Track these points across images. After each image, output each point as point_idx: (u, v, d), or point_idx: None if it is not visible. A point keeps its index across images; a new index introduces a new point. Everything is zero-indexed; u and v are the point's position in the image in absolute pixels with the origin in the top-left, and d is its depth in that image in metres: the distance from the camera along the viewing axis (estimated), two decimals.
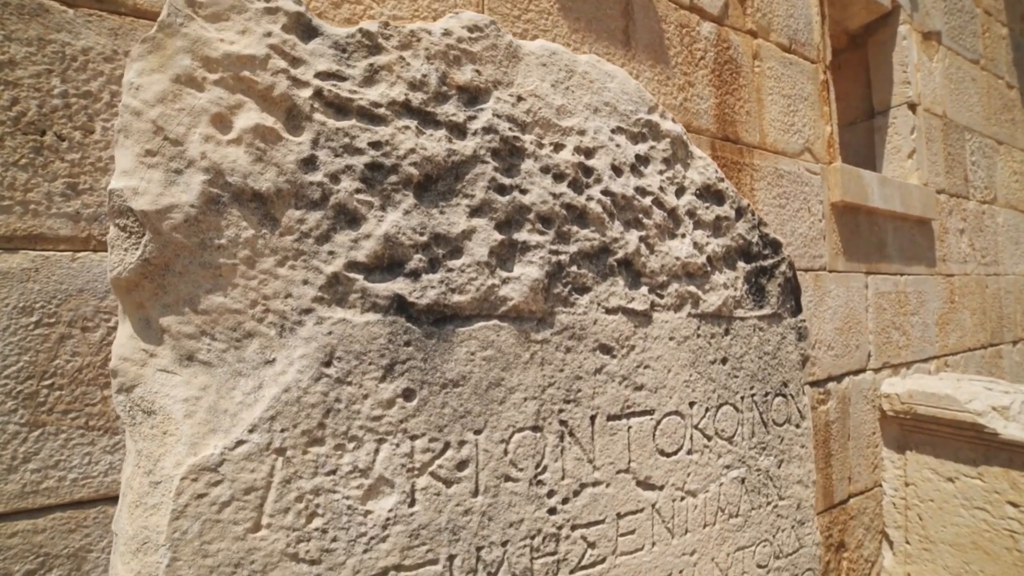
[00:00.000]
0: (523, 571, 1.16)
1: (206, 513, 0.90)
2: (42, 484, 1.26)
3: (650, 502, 1.33)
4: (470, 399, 1.11)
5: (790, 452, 1.61)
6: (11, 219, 1.23)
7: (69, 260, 1.29)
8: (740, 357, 1.50)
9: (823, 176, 3.17)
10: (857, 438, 3.36)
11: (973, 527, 2.91)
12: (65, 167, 1.29)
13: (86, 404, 1.31)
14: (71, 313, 1.29)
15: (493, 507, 1.13)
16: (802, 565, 1.65)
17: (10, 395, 1.22)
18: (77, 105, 1.31)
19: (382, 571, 1.02)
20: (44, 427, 1.26)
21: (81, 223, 1.31)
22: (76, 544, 1.29)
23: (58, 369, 1.28)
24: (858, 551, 3.39)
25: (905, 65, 3.65)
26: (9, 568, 1.22)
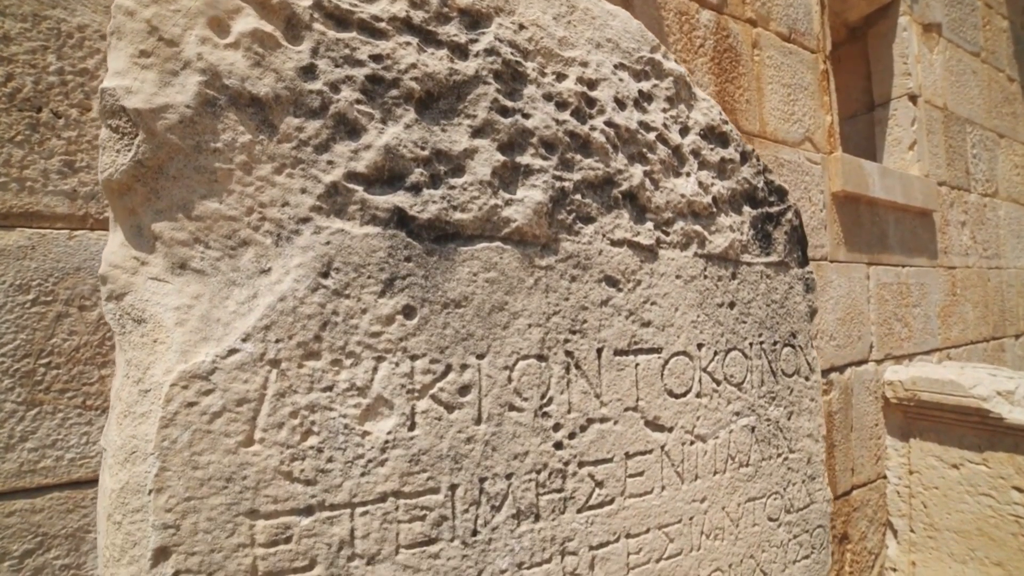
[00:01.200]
0: (528, 507, 1.12)
1: (196, 423, 0.87)
2: (39, 463, 1.24)
3: (659, 444, 1.30)
4: (472, 321, 1.08)
5: (800, 405, 1.58)
6: (7, 196, 1.22)
7: (66, 238, 1.28)
8: (748, 303, 1.47)
9: (824, 166, 3.17)
10: (860, 429, 3.33)
11: (978, 513, 2.87)
12: (61, 145, 1.28)
13: (83, 383, 1.30)
14: (68, 292, 1.28)
15: (497, 436, 1.10)
16: (813, 521, 1.61)
17: (7, 373, 1.21)
18: (73, 83, 1.30)
19: (380, 496, 0.99)
20: (41, 406, 1.25)
21: (78, 201, 1.30)
22: (74, 524, 1.28)
23: (55, 348, 1.26)
24: (861, 543, 3.35)
25: (905, 57, 3.65)
26: (7, 547, 1.20)
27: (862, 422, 3.34)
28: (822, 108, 3.25)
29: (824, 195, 3.17)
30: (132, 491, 0.86)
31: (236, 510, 0.88)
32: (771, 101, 2.96)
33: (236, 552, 0.88)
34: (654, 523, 1.29)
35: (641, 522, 1.27)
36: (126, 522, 0.86)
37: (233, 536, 0.88)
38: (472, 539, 1.06)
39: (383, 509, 0.98)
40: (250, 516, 0.89)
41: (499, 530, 1.09)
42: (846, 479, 3.25)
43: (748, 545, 1.46)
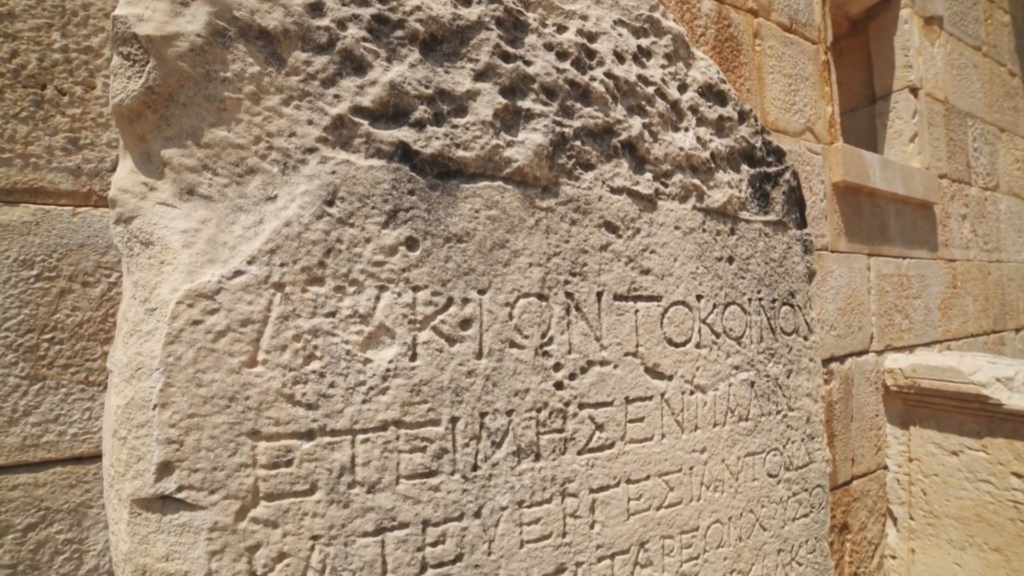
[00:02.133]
0: (528, 445, 1.14)
1: (201, 341, 0.88)
2: (42, 438, 1.25)
3: (659, 391, 1.31)
4: (474, 257, 1.10)
5: (799, 364, 1.59)
6: (11, 172, 1.23)
7: (70, 215, 1.29)
8: (746, 259, 1.49)
9: (824, 156, 3.18)
10: (860, 419, 3.32)
11: (977, 499, 2.87)
12: (66, 122, 1.29)
13: (86, 359, 1.30)
14: (72, 267, 1.29)
15: (498, 372, 1.11)
16: (812, 480, 1.62)
17: (10, 348, 1.22)
18: (78, 60, 1.30)
19: (381, 424, 1.00)
20: (44, 381, 1.26)
21: (82, 178, 1.30)
22: (76, 499, 1.29)
23: (58, 323, 1.27)
24: (861, 533, 3.34)
25: (907, 49, 3.67)
26: (11, 520, 1.21)
27: (862, 412, 3.34)
28: (823, 99, 3.27)
29: (825, 185, 3.18)
30: (137, 407, 0.87)
31: (238, 430, 0.89)
32: (772, 91, 2.98)
33: (238, 472, 0.89)
34: (654, 470, 1.30)
35: (641, 468, 1.28)
36: (131, 437, 0.87)
37: (235, 456, 0.89)
38: (472, 474, 1.07)
39: (384, 438, 0.99)
40: (252, 437, 0.90)
41: (499, 466, 1.10)
42: (846, 469, 3.24)
43: (748, 499, 1.47)
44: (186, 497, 0.86)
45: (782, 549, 1.54)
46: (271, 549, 0.91)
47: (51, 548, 1.26)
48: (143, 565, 0.87)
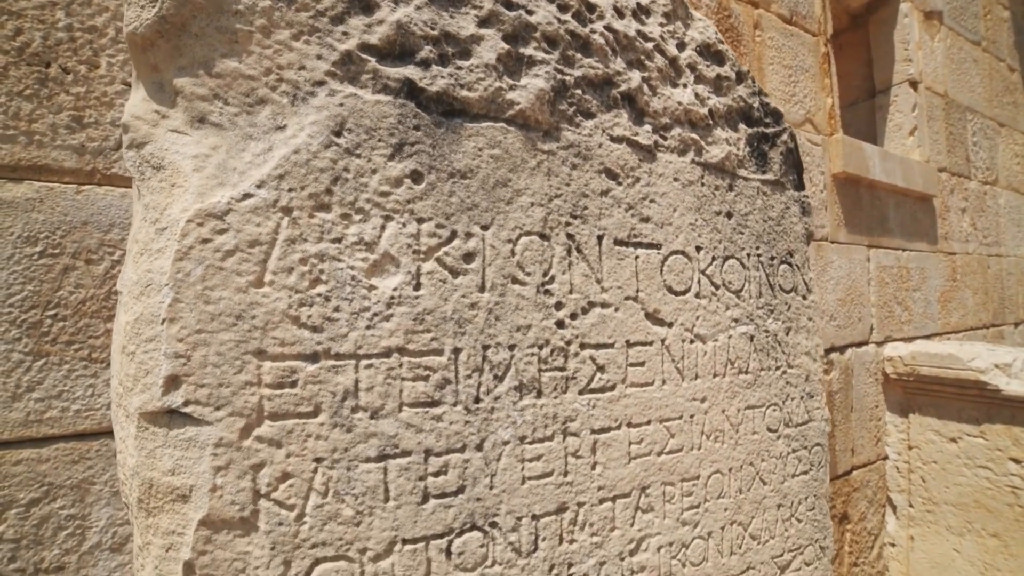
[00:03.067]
0: (531, 381, 1.15)
1: (210, 259, 0.90)
2: (46, 414, 1.26)
3: (659, 337, 1.32)
4: (477, 193, 1.12)
5: (798, 322, 1.60)
6: (15, 148, 1.25)
7: (74, 192, 1.30)
8: (745, 215, 1.50)
9: (824, 147, 3.21)
10: (860, 410, 3.33)
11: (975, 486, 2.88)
12: (70, 100, 1.30)
13: (89, 336, 1.32)
14: (75, 245, 1.30)
15: (500, 306, 1.12)
16: (812, 438, 1.63)
17: (14, 323, 1.23)
18: (82, 39, 1.32)
19: (385, 351, 1.01)
20: (47, 357, 1.27)
21: (86, 156, 1.32)
22: (79, 476, 1.30)
23: (62, 300, 1.29)
24: (861, 523, 3.34)
25: (906, 43, 3.71)
26: (14, 495, 1.23)
27: (862, 403, 3.34)
28: (823, 90, 3.30)
29: (824, 176, 3.20)
30: (146, 321, 0.88)
31: (244, 348, 0.91)
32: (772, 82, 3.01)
33: (243, 389, 0.90)
34: (655, 415, 1.31)
35: (642, 413, 1.29)
36: (139, 352, 0.89)
37: (241, 373, 0.90)
38: (475, 406, 1.09)
39: (387, 364, 1.01)
40: (257, 356, 0.92)
41: (502, 400, 1.11)
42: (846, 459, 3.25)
43: (748, 452, 1.48)
44: (192, 412, 0.87)
45: (782, 504, 1.55)
46: (275, 468, 0.92)
47: (54, 523, 1.27)
48: (150, 479, 0.89)
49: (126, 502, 1.01)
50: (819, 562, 1.64)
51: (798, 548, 1.59)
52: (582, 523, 1.20)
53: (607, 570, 1.24)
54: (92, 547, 1.31)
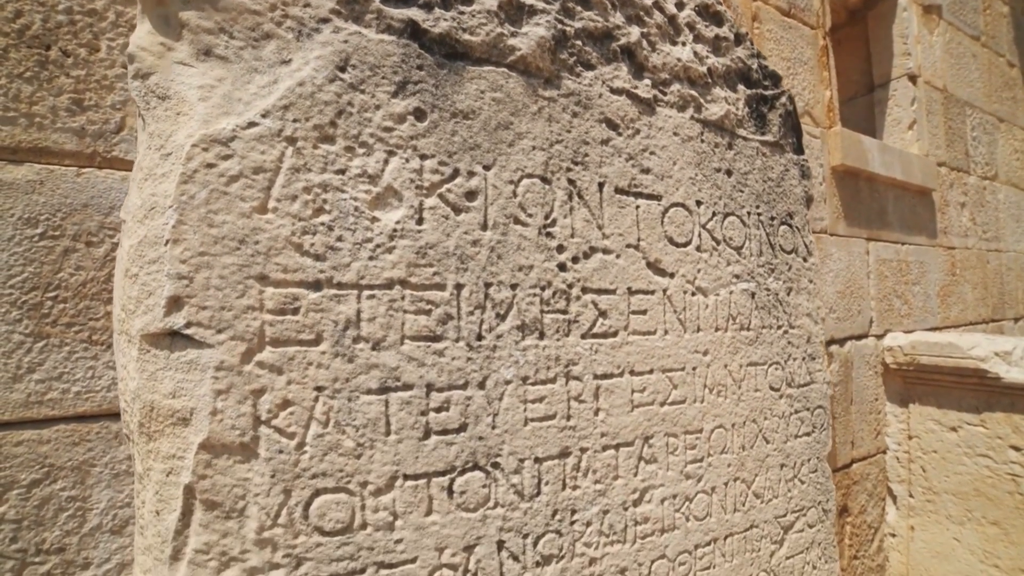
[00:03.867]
0: (533, 321, 1.15)
1: (214, 183, 0.89)
2: (46, 395, 1.26)
3: (661, 287, 1.32)
4: (479, 134, 1.12)
5: (798, 283, 1.60)
6: (16, 131, 1.24)
7: (74, 175, 1.30)
8: (745, 174, 1.51)
9: (823, 140, 3.21)
10: (860, 403, 3.32)
11: (975, 474, 2.87)
12: (70, 83, 1.30)
13: (89, 318, 1.31)
14: (75, 227, 1.30)
15: (502, 245, 1.12)
16: (814, 400, 1.62)
17: (15, 305, 1.23)
18: (82, 23, 1.32)
19: (387, 282, 1.01)
20: (48, 339, 1.27)
21: (86, 139, 1.32)
22: (80, 457, 1.30)
23: (62, 282, 1.28)
24: (861, 516, 3.32)
25: (905, 37, 3.72)
26: (15, 476, 1.22)
27: (862, 396, 3.33)
28: (821, 83, 3.31)
29: (823, 169, 3.21)
30: (149, 243, 0.88)
31: (247, 272, 0.90)
32: None
33: (245, 313, 0.90)
34: (658, 365, 1.30)
35: (645, 361, 1.29)
36: (142, 273, 0.88)
37: (243, 298, 0.90)
38: (477, 343, 1.08)
39: (389, 296, 1.00)
40: (260, 281, 0.91)
41: (504, 339, 1.11)
42: (846, 452, 3.23)
43: (751, 409, 1.47)
44: (194, 334, 0.87)
45: (784, 464, 1.54)
46: (275, 395, 0.91)
47: (55, 505, 1.26)
48: (150, 402, 0.88)
49: (127, 433, 1.00)
50: (822, 525, 1.63)
51: (801, 509, 1.58)
52: (585, 469, 1.20)
53: (611, 519, 1.23)
54: (93, 529, 1.31)
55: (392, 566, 0.99)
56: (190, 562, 0.87)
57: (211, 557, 0.87)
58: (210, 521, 0.87)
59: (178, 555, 0.87)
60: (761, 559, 1.49)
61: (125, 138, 1.36)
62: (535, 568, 1.14)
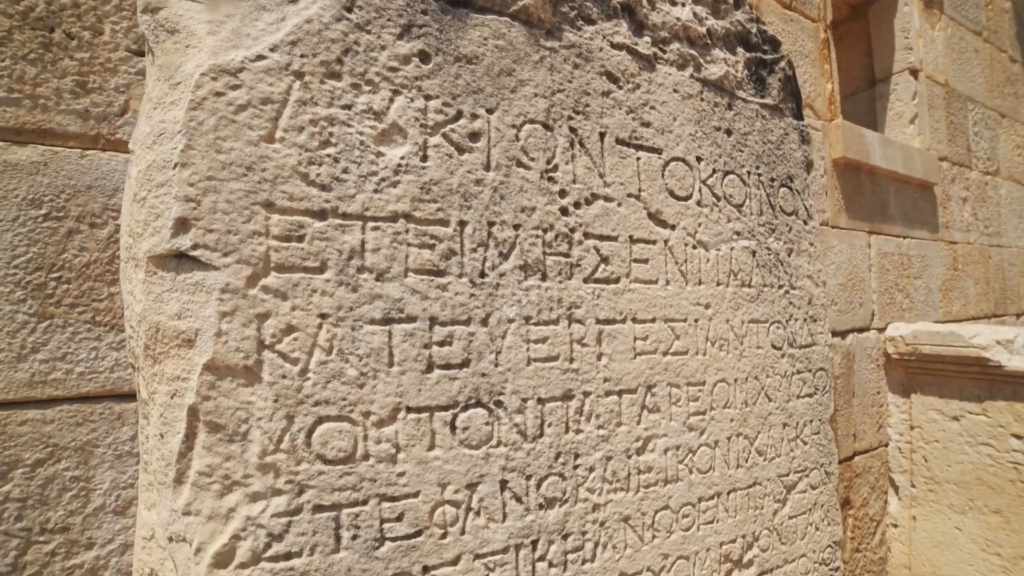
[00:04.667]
0: (535, 261, 1.15)
1: (223, 111, 0.90)
2: (50, 375, 1.27)
3: (663, 238, 1.33)
4: (483, 78, 1.13)
5: (799, 245, 1.60)
6: (20, 112, 1.25)
7: (78, 157, 1.31)
8: (744, 134, 1.52)
9: (824, 133, 3.22)
10: (862, 395, 3.31)
11: (977, 463, 2.86)
12: (74, 65, 1.31)
13: (93, 299, 1.32)
14: (79, 208, 1.31)
15: (505, 186, 1.13)
16: (816, 362, 1.62)
17: (19, 285, 1.24)
18: (86, 5, 1.33)
19: (391, 215, 1.01)
20: (52, 319, 1.27)
21: (90, 121, 1.33)
22: (83, 438, 1.30)
23: (66, 263, 1.29)
24: (863, 509, 3.30)
25: (907, 31, 3.74)
26: (20, 455, 1.23)
27: (864, 388, 3.33)
28: (822, 76, 3.32)
29: (825, 161, 3.22)
30: (158, 168, 0.89)
31: (254, 198, 0.91)
32: None
33: (251, 238, 0.90)
34: (660, 314, 1.31)
35: (647, 309, 1.29)
36: (150, 197, 0.89)
37: (249, 223, 0.91)
38: (480, 280, 1.09)
39: (394, 228, 1.01)
40: (266, 208, 0.92)
41: (507, 277, 1.11)
42: (848, 444, 3.22)
43: (753, 366, 1.48)
44: (200, 256, 0.87)
45: (787, 424, 1.54)
46: (280, 320, 0.92)
47: (59, 484, 1.27)
48: (156, 323, 0.88)
49: (132, 363, 1.00)
50: (824, 487, 1.63)
51: (804, 470, 1.57)
52: (588, 414, 1.20)
53: (614, 466, 1.23)
54: (96, 509, 1.31)
55: (394, 499, 0.99)
56: (193, 484, 0.87)
57: (214, 480, 0.87)
58: (213, 444, 0.87)
59: (181, 478, 0.88)
60: (764, 517, 1.49)
61: (129, 121, 1.37)
62: (538, 510, 1.13)
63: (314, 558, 0.93)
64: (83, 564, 1.30)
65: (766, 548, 1.49)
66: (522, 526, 1.11)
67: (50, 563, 1.26)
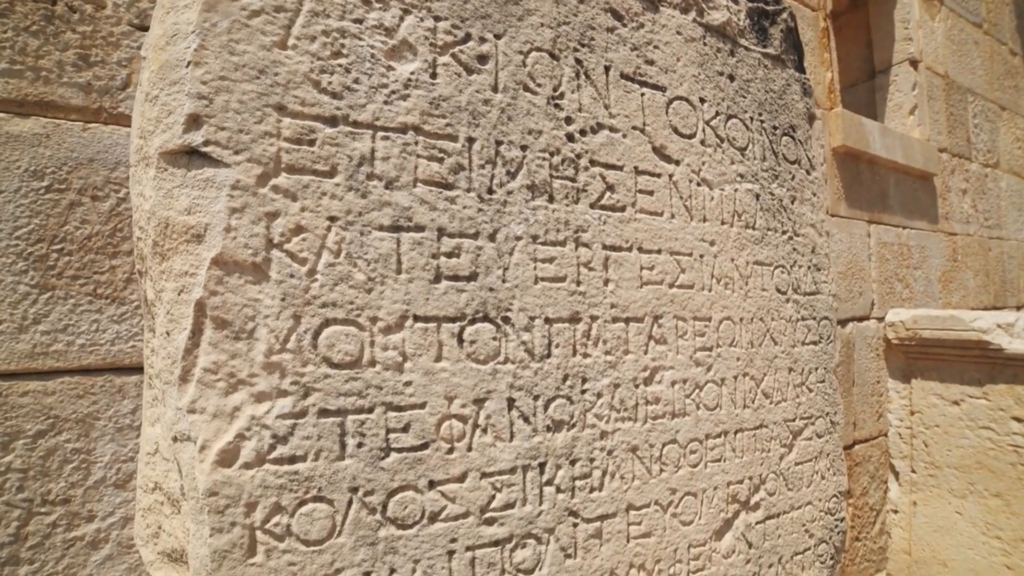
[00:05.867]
0: (542, 183, 1.16)
1: (236, 14, 0.91)
2: (51, 347, 1.27)
3: (667, 172, 1.33)
4: (490, 5, 1.14)
5: (802, 193, 1.61)
6: (23, 84, 1.25)
7: (80, 130, 1.31)
8: (747, 81, 1.53)
9: (824, 121, 3.23)
10: (862, 384, 3.31)
11: (978, 447, 2.86)
12: (76, 38, 1.31)
13: (94, 272, 1.32)
14: (81, 181, 1.31)
15: (512, 108, 1.13)
16: (820, 311, 1.62)
17: (21, 256, 1.24)
18: None
19: (401, 127, 1.02)
20: (53, 291, 1.27)
21: (92, 95, 1.33)
22: (84, 410, 1.30)
23: (68, 235, 1.29)
24: (863, 498, 3.29)
25: (907, 22, 3.77)
26: (21, 426, 1.23)
27: (864, 377, 3.33)
28: (822, 64, 3.35)
29: (824, 150, 3.23)
30: (171, 66, 0.89)
31: (265, 100, 0.91)
32: None
33: (263, 139, 0.91)
34: (665, 246, 1.31)
35: (653, 240, 1.29)
36: (162, 95, 0.89)
37: (261, 124, 0.91)
38: (488, 196, 1.09)
39: (403, 139, 1.01)
40: (278, 111, 0.92)
41: (514, 196, 1.12)
42: (848, 433, 3.22)
43: (758, 307, 1.48)
44: (211, 152, 0.87)
45: (792, 369, 1.53)
46: (289, 220, 0.92)
47: (60, 456, 1.27)
48: (165, 218, 0.88)
49: (139, 268, 1.00)
50: (830, 436, 1.63)
51: (810, 417, 1.57)
52: (596, 338, 1.20)
53: (621, 394, 1.22)
54: (97, 482, 1.31)
55: (400, 408, 0.99)
56: (199, 382, 0.86)
57: (219, 378, 0.87)
58: (219, 340, 0.87)
59: (187, 376, 0.87)
60: (771, 460, 1.48)
61: (131, 95, 1.37)
62: (546, 432, 1.13)
63: (319, 464, 0.92)
64: (84, 536, 1.29)
65: (773, 492, 1.49)
66: (529, 447, 1.11)
67: (51, 534, 1.26)
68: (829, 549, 1.62)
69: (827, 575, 1.60)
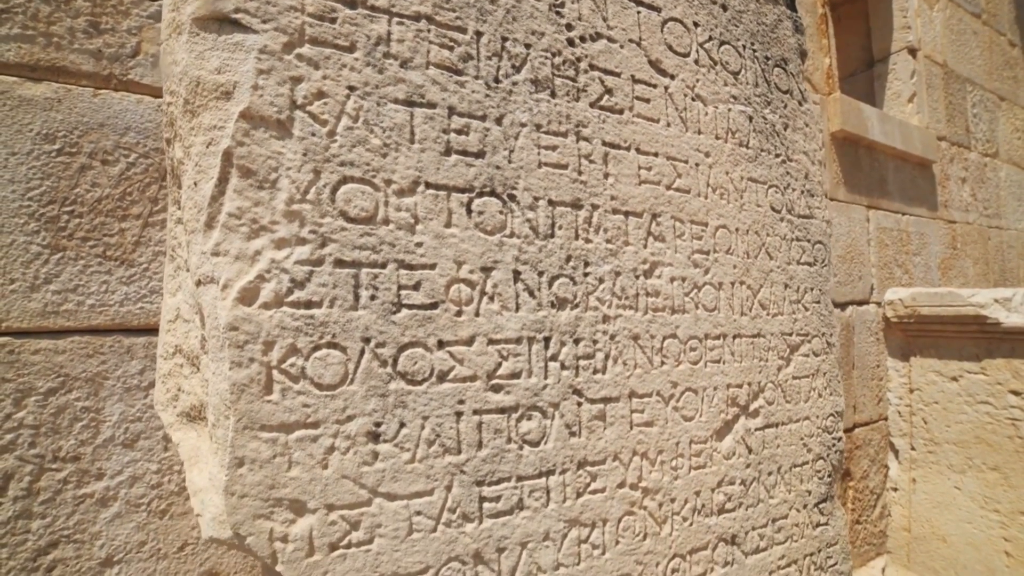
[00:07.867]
0: (545, 79, 1.22)
1: None
2: (62, 306, 1.31)
3: (663, 84, 1.39)
4: None
5: (794, 122, 1.66)
6: (35, 49, 1.30)
7: (91, 95, 1.36)
8: (739, 11, 1.59)
9: (822, 107, 3.30)
10: (861, 368, 3.33)
11: (976, 421, 2.88)
12: (87, 6, 1.36)
13: (104, 234, 1.37)
14: (92, 145, 1.36)
15: (516, 9, 1.20)
16: (814, 234, 1.67)
17: (33, 216, 1.29)
18: None
19: (415, 15, 1.08)
20: (64, 251, 1.32)
21: (103, 61, 1.38)
22: (93, 369, 1.34)
23: (78, 197, 1.34)
24: (863, 482, 3.30)
25: (905, 11, 3.84)
26: (33, 383, 1.28)
27: (863, 361, 3.35)
28: (820, 50, 3.42)
29: (823, 135, 3.29)
30: None
31: None
32: None
33: (288, 11, 0.97)
34: (662, 150, 1.37)
35: (650, 143, 1.35)
36: None
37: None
38: (495, 84, 1.16)
39: (417, 26, 1.08)
40: None
41: (519, 87, 1.18)
42: (848, 416, 3.24)
43: (752, 220, 1.53)
44: (241, 19, 0.94)
45: (788, 285, 1.58)
46: (311, 85, 0.98)
47: (70, 414, 1.31)
48: (197, 77, 0.95)
49: (167, 136, 1.06)
50: (826, 356, 1.66)
51: (806, 334, 1.61)
52: (597, 226, 1.25)
53: (622, 282, 1.28)
54: (106, 441, 1.35)
55: (412, 267, 1.05)
56: (223, 227, 0.92)
57: (243, 223, 0.93)
58: (244, 188, 0.93)
59: (212, 222, 0.93)
60: (769, 370, 1.52)
61: (141, 62, 1.42)
62: (550, 308, 1.18)
63: (333, 311, 0.98)
64: (94, 494, 1.33)
65: (771, 401, 1.53)
66: (535, 319, 1.16)
67: (62, 490, 1.30)
68: (827, 466, 1.66)
69: (824, 491, 1.63)
